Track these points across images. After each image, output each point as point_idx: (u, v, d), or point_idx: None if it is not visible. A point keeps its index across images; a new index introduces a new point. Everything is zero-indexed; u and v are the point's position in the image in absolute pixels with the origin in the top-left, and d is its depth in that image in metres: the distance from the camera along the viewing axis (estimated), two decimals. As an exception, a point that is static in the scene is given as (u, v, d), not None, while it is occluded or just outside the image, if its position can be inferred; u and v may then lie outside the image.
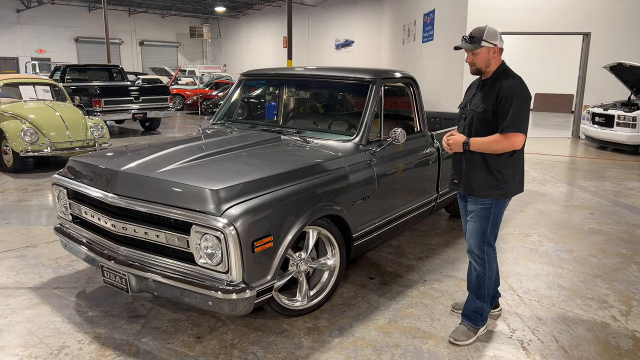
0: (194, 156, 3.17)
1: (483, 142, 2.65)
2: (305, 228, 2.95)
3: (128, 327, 2.98)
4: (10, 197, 6.12)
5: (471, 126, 2.73)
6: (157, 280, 2.77)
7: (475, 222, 2.76)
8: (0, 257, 4.08)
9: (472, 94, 2.83)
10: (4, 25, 25.27)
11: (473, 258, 2.84)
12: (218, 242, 2.55)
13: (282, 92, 4.51)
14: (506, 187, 2.71)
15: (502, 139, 2.58)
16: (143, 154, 3.21)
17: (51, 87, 8.66)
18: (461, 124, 2.84)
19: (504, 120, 2.57)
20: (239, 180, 2.75)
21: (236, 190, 2.67)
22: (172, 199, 2.69)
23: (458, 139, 2.72)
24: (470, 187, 2.75)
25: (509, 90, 2.58)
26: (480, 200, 2.74)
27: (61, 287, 3.53)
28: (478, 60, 2.67)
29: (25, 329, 2.95)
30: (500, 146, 2.60)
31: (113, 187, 2.91)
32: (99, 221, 3.05)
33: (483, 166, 2.69)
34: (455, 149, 2.75)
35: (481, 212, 2.74)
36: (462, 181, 2.81)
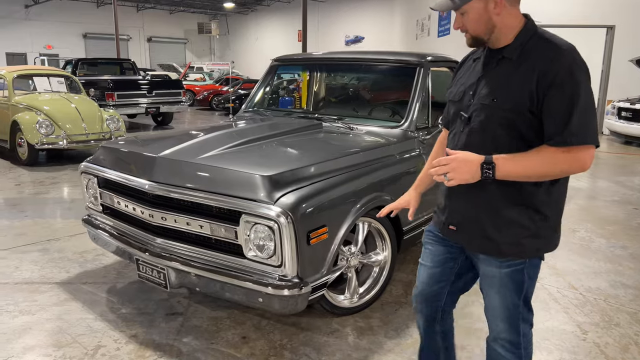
0: (234, 142, 2.95)
1: (526, 164, 1.47)
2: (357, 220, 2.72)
3: (166, 325, 2.76)
4: (27, 190, 5.93)
5: (484, 133, 1.56)
6: (201, 275, 2.55)
7: (500, 296, 1.64)
8: (23, 251, 3.87)
9: (475, 74, 1.64)
10: (12, 21, 25.14)
11: (503, 346, 1.69)
12: (270, 233, 2.33)
13: (317, 77, 4.28)
14: (548, 235, 1.60)
15: (563, 156, 1.44)
16: (179, 140, 2.98)
17: (65, 79, 8.46)
18: (457, 130, 1.67)
19: (562, 123, 1.43)
20: (290, 167, 2.53)
21: (289, 177, 2.44)
22: (218, 186, 2.46)
23: (469, 160, 1.49)
24: (491, 241, 1.59)
25: (566, 69, 1.43)
26: (506, 262, 1.61)
27: (89, 282, 3.31)
28: (470, 22, 1.55)
29: (56, 326, 2.73)
30: (559, 168, 1.47)
31: (151, 174, 2.69)
32: (134, 211, 2.83)
33: (511, 203, 1.56)
34: (460, 178, 1.49)
35: (509, 279, 1.61)
36: (467, 229, 1.65)
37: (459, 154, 1.50)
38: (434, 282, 1.82)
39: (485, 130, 1.56)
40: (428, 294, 1.84)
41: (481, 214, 1.60)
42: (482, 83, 1.58)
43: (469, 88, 1.63)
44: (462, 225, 1.67)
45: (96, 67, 13.20)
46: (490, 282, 1.66)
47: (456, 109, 1.68)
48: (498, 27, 1.53)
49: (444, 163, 1.51)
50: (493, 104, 1.53)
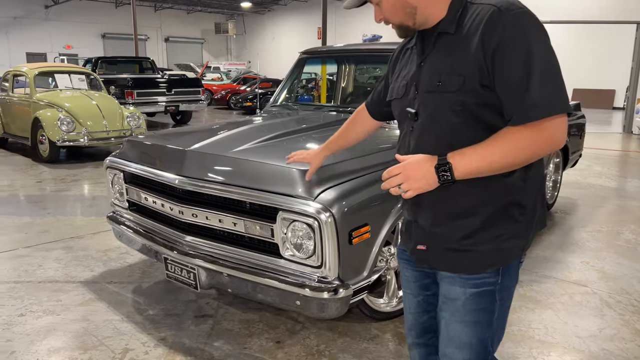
0: (267, 136, 2.80)
1: (486, 155, 1.19)
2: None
3: (195, 328, 2.62)
4: (49, 187, 5.86)
5: (436, 127, 1.29)
6: (233, 275, 2.40)
7: (465, 322, 1.36)
8: (46, 249, 3.77)
9: (414, 63, 1.39)
10: (32, 21, 25.45)
11: None
12: (310, 231, 2.17)
13: (346, 70, 4.11)
14: (527, 230, 1.34)
15: (529, 135, 1.16)
16: (209, 134, 2.84)
17: (86, 77, 8.42)
18: (406, 130, 1.40)
19: (519, 94, 1.15)
20: (329, 161, 2.37)
21: (329, 172, 2.28)
22: (253, 181, 2.31)
23: (421, 164, 1.24)
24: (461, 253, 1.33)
25: (513, 25, 1.17)
26: (473, 278, 1.33)
27: (114, 281, 3.19)
28: (387, 11, 1.33)
29: (81, 328, 2.61)
30: (528, 152, 1.19)
31: (181, 169, 2.55)
32: (162, 208, 2.69)
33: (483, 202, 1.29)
34: (416, 187, 1.24)
35: (476, 300, 1.34)
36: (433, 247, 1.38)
37: (409, 159, 1.25)
38: (422, 311, 1.56)
39: (438, 124, 1.29)
40: (420, 326, 1.58)
41: (450, 222, 1.32)
42: (423, 70, 1.33)
43: (411, 80, 1.38)
44: (431, 242, 1.38)
45: (115, 65, 13.21)
46: (449, 305, 1.38)
47: (401, 106, 1.41)
48: (420, 7, 1.29)
49: (394, 173, 1.25)
50: (439, 89, 1.27)
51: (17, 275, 3.28)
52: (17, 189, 5.70)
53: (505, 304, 1.39)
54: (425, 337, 1.60)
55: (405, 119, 1.40)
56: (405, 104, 1.39)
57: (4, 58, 23.52)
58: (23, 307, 2.84)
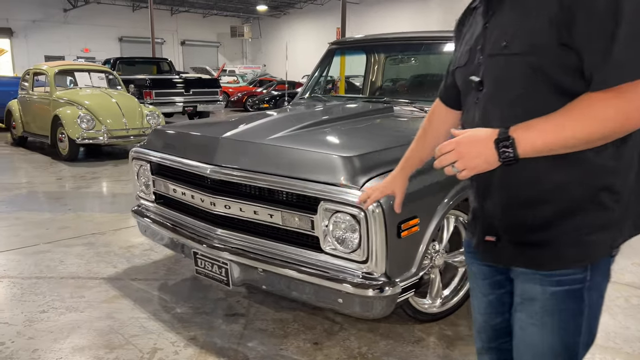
0: (303, 124, 2.64)
1: (558, 127, 1.00)
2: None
3: (227, 328, 2.46)
4: (68, 184, 5.77)
5: (504, 96, 1.11)
6: (269, 270, 2.24)
7: (545, 326, 1.16)
8: (67, 244, 3.65)
9: (479, 25, 1.20)
10: (51, 24, 25.70)
11: None
12: (355, 224, 2.00)
13: (378, 60, 3.95)
14: (621, 219, 1.12)
15: (613, 103, 0.96)
16: (240, 123, 2.70)
17: (105, 75, 8.36)
18: (470, 102, 1.21)
19: (600, 53, 0.96)
20: (375, 148, 2.21)
21: (375, 159, 2.11)
22: (293, 170, 2.15)
23: (478, 138, 1.05)
24: (537, 247, 1.13)
25: None
26: (555, 275, 1.12)
27: (139, 278, 3.05)
28: None
29: (106, 326, 2.47)
30: (610, 125, 0.97)
31: (213, 157, 2.40)
32: (192, 199, 2.54)
33: (565, 185, 1.08)
34: (472, 165, 1.05)
35: (558, 300, 1.13)
36: (504, 238, 1.18)
37: (465, 133, 1.06)
38: (494, 312, 1.35)
39: (505, 93, 1.10)
40: (492, 329, 1.38)
41: (524, 209, 1.12)
42: (488, 31, 1.15)
43: (475, 43, 1.20)
44: (499, 232, 1.18)
45: (133, 66, 13.20)
46: (527, 307, 1.17)
47: (464, 75, 1.22)
48: None
49: (447, 150, 1.06)
50: (506, 51, 1.08)
51: (38, 270, 3.16)
52: (37, 186, 5.61)
53: (596, 306, 1.17)
54: (498, 341, 1.40)
55: (469, 90, 1.21)
56: (469, 72, 1.20)
57: (23, 61, 23.74)
58: (45, 303, 2.71)
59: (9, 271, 3.15)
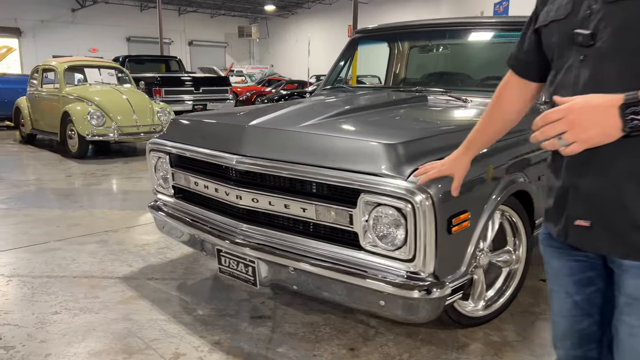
0: (333, 111, 2.45)
1: None
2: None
3: (253, 331, 2.28)
4: (78, 181, 5.61)
5: (626, 53, 0.93)
6: (301, 269, 2.05)
7: None
8: (79, 242, 3.48)
9: None
10: (59, 24, 25.70)
11: None
12: (400, 218, 1.81)
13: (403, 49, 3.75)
14: None
15: None
16: (264, 111, 2.51)
17: (115, 71, 8.22)
18: (571, 64, 1.03)
19: None
20: (419, 135, 2.02)
21: (421, 147, 1.92)
22: (329, 159, 1.97)
23: (597, 104, 0.88)
24: None
25: None
26: None
27: (156, 277, 2.87)
28: None
29: (124, 328, 2.29)
30: None
31: (239, 147, 2.22)
32: (216, 193, 2.36)
33: None
34: (587, 137, 0.89)
35: None
36: (607, 222, 1.01)
37: (576, 99, 0.90)
38: (581, 314, 1.18)
39: (626, 47, 0.93)
40: (578, 334, 1.20)
41: (631, 192, 0.96)
42: None
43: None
44: (600, 217, 1.01)
45: (142, 65, 13.07)
46: (629, 305, 1.01)
47: (564, 30, 1.05)
48: None
49: (554, 118, 0.90)
50: None
51: (50, 269, 2.99)
52: (46, 183, 5.46)
53: None
54: (584, 348, 1.22)
55: (569, 47, 1.04)
56: (572, 25, 1.03)
57: (31, 60, 23.67)
58: (57, 303, 2.53)
59: (19, 270, 2.98)
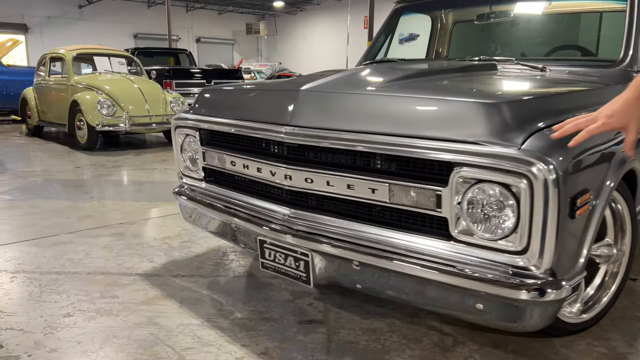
0: (398, 75, 2.07)
1: None
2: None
3: (305, 339, 1.89)
4: (88, 172, 5.24)
5: None
6: (371, 264, 1.66)
7: None
8: (92, 235, 3.11)
9: None
10: (66, 20, 25.43)
11: None
12: (509, 198, 1.42)
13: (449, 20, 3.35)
14: None
15: None
16: (313, 78, 2.10)
17: (126, 60, 7.85)
18: None
19: None
20: (529, 95, 1.62)
21: (535, 108, 1.54)
22: (409, 126, 1.57)
23: None
24: None
25: None
26: None
27: (182, 274, 2.49)
28: None
29: (149, 335, 1.90)
30: None
31: (291, 116, 1.83)
32: (259, 173, 1.97)
33: None
34: None
35: None
36: None
37: None
38: None
39: None
40: None
41: None
42: None
43: None
44: None
45: (152, 58, 12.73)
46: None
47: None
48: None
49: None
50: None
51: (59, 264, 2.61)
52: (54, 174, 5.09)
53: None
54: None
55: None
56: None
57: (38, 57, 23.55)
58: (70, 304, 2.15)
59: (24, 265, 2.61)
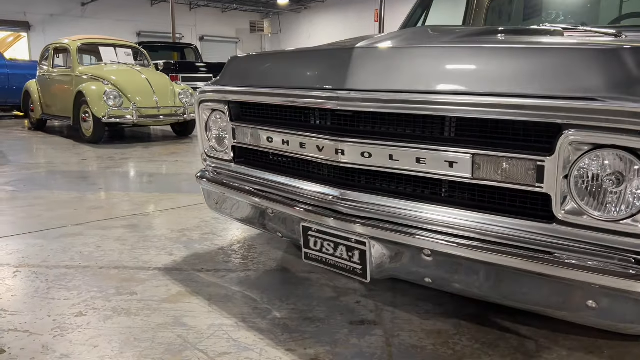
0: (471, 32, 1.79)
1: None
2: None
3: (361, 342, 1.60)
4: (95, 164, 4.97)
5: None
6: (446, 253, 1.38)
7: None
8: (103, 227, 2.83)
9: None
10: (69, 18, 25.15)
11: None
12: (637, 166, 1.13)
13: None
14: None
15: None
16: (364, 39, 1.82)
17: (133, 51, 7.58)
18: None
19: None
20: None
21: None
22: (501, 82, 1.29)
23: None
24: None
25: None
26: None
27: (207, 269, 2.21)
28: None
29: (176, 337, 1.62)
30: None
31: (343, 80, 1.55)
32: (302, 149, 1.69)
33: None
34: None
35: None
36: None
37: None
38: None
39: None
40: None
41: None
42: None
43: None
44: None
45: (157, 52, 12.47)
46: None
47: None
48: None
49: None
50: None
51: (69, 258, 2.33)
52: (59, 166, 4.82)
53: None
54: None
55: None
56: None
57: (41, 55, 23.34)
58: (82, 302, 1.88)
59: (29, 259, 2.33)
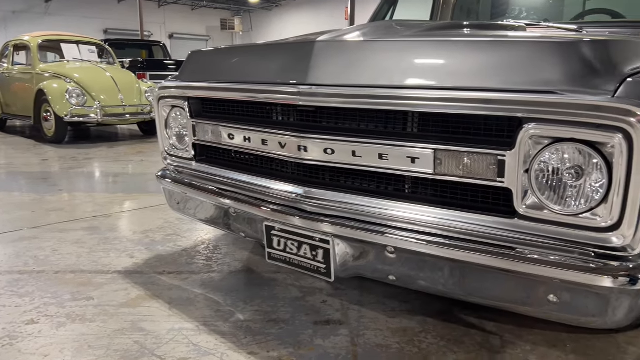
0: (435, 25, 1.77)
1: None
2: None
3: (325, 343, 1.57)
4: (56, 165, 4.80)
5: None
6: (410, 250, 1.36)
7: None
8: (61, 229, 2.72)
9: None
10: (32, 15, 24.37)
11: None
12: (596, 160, 1.13)
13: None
14: None
15: None
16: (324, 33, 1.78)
17: (97, 48, 7.36)
18: None
19: None
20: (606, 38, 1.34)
21: (623, 50, 1.25)
22: (461, 75, 1.27)
23: None
24: None
25: None
26: None
27: (169, 271, 2.14)
28: None
29: (134, 344, 1.55)
30: None
31: (308, 73, 1.51)
32: (265, 147, 1.64)
33: None
34: None
35: None
36: None
37: None
38: None
39: None
40: None
41: None
42: None
43: None
44: None
45: (124, 50, 12.16)
46: None
47: None
48: None
49: None
50: None
51: (22, 263, 2.23)
52: (19, 167, 4.64)
53: None
54: None
55: None
56: None
57: (2, 53, 22.54)
58: (34, 309, 1.78)
59: (-20, 264, 2.21)
